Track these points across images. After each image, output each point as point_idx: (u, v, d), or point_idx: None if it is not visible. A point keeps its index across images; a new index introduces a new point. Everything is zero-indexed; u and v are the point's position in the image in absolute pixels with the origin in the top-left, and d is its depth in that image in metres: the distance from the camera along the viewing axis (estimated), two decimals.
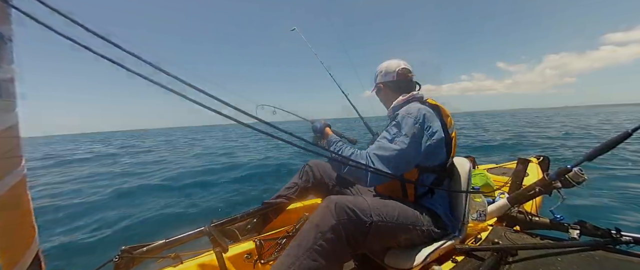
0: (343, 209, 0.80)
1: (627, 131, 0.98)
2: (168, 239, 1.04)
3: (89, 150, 14.04)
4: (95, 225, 2.87)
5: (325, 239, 0.76)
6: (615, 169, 3.89)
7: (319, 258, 0.74)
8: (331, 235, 0.77)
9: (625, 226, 1.09)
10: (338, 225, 0.78)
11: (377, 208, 0.89)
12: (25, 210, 0.47)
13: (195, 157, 8.46)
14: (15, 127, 0.44)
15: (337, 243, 0.77)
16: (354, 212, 0.82)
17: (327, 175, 1.33)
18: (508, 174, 2.17)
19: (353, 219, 0.81)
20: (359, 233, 0.82)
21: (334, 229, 0.77)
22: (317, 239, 0.76)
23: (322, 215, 0.80)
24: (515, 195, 1.38)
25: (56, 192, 4.48)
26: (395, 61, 1.20)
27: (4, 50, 0.42)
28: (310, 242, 0.76)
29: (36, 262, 0.48)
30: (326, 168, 1.34)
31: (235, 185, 4.37)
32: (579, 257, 0.97)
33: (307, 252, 0.75)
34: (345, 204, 0.81)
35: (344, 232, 0.78)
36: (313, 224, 0.79)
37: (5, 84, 0.42)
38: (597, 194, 2.87)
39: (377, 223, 0.85)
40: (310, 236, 0.77)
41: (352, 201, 0.84)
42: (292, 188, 1.34)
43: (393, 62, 1.19)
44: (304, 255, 0.74)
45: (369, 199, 0.91)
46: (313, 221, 0.80)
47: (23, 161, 0.46)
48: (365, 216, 0.83)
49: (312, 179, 1.33)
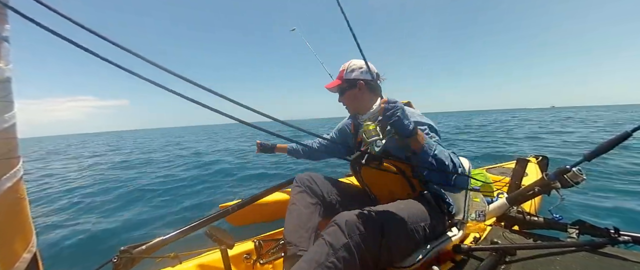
0: (354, 226, 0.80)
1: (627, 132, 0.98)
2: (168, 238, 1.04)
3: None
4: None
5: (337, 257, 0.76)
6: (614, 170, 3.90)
7: None
8: (343, 253, 0.77)
9: (623, 226, 1.10)
10: (350, 244, 0.78)
11: (386, 214, 0.88)
12: (22, 212, 0.46)
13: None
14: (13, 128, 0.44)
15: (349, 261, 0.77)
16: (367, 230, 0.81)
17: (326, 190, 1.19)
18: (507, 173, 2.17)
19: (364, 235, 0.80)
20: (371, 250, 0.81)
21: (346, 248, 0.77)
22: (329, 256, 0.76)
23: (333, 233, 0.80)
24: (514, 195, 1.38)
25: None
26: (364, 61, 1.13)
27: (1, 51, 0.41)
28: (322, 259, 0.76)
29: (34, 263, 0.48)
30: (319, 180, 1.21)
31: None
32: (577, 256, 0.97)
33: (319, 268, 0.75)
34: (355, 222, 0.81)
35: (356, 250, 0.78)
36: (326, 241, 0.79)
37: (2, 85, 0.42)
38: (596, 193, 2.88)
39: (390, 233, 0.84)
40: (323, 252, 0.77)
41: (362, 216, 0.83)
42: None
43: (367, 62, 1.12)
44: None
45: (375, 209, 0.89)
46: (325, 239, 0.80)
47: (20, 162, 0.46)
48: (376, 232, 0.82)
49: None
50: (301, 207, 1.11)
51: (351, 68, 1.10)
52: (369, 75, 1.03)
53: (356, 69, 1.09)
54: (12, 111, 0.44)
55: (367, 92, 1.09)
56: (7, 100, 0.43)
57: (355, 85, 1.09)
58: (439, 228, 1.02)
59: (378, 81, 1.12)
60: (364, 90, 1.09)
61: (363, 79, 1.08)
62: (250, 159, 6.65)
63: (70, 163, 8.56)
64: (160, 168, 6.19)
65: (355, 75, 1.09)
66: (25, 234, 0.47)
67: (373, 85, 1.09)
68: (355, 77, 1.08)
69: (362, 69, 1.08)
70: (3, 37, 0.41)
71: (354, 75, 1.09)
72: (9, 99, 0.43)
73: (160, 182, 4.58)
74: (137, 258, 0.92)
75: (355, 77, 1.09)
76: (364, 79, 1.08)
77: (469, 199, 1.20)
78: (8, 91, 0.43)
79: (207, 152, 9.11)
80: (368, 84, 1.08)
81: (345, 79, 1.11)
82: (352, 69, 1.10)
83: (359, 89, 1.09)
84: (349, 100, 1.14)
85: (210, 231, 0.94)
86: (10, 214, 0.45)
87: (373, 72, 1.08)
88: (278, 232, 1.36)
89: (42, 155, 12.59)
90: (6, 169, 0.43)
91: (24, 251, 0.46)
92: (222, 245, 0.92)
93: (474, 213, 1.23)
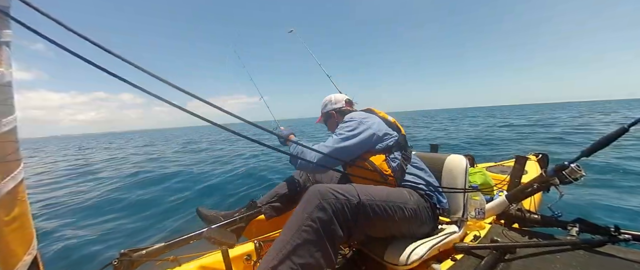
0: (328, 191, 0.81)
1: (624, 127, 0.98)
2: (167, 242, 1.04)
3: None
4: None
5: (312, 219, 0.76)
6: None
7: (308, 236, 0.74)
8: (318, 213, 0.77)
9: (624, 224, 1.10)
10: (324, 204, 0.78)
11: (363, 189, 0.89)
12: (23, 214, 0.47)
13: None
14: (14, 130, 0.45)
15: (325, 221, 0.77)
16: (340, 193, 0.82)
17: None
18: (507, 172, 2.17)
19: (340, 199, 0.81)
20: (348, 212, 0.81)
21: (321, 208, 0.77)
22: (304, 219, 0.76)
23: (307, 198, 0.81)
24: (513, 192, 1.38)
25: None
26: (338, 94, 1.47)
27: (2, 54, 0.42)
28: (298, 223, 0.76)
29: (35, 266, 0.48)
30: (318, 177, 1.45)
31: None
32: (578, 254, 0.97)
33: (296, 233, 0.75)
34: (330, 187, 0.82)
35: (331, 209, 0.78)
36: (300, 208, 0.80)
37: (3, 89, 0.43)
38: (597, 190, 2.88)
39: (365, 202, 0.85)
40: (298, 218, 0.78)
41: (337, 186, 0.85)
42: (274, 202, 1.40)
43: (338, 95, 1.47)
44: (293, 237, 0.74)
45: (356, 185, 0.92)
46: (300, 205, 0.81)
47: (21, 165, 0.46)
48: (351, 196, 0.83)
49: (299, 187, 1.44)
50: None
51: (325, 104, 1.46)
52: (339, 104, 1.41)
53: (328, 103, 1.44)
54: (12, 114, 0.44)
55: (339, 117, 1.37)
56: (8, 103, 0.43)
57: (330, 116, 1.43)
58: (422, 216, 1.02)
59: (353, 105, 1.46)
60: (336, 117, 1.40)
61: (333, 109, 1.41)
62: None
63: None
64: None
65: (327, 109, 1.43)
66: (25, 237, 0.47)
67: (342, 111, 1.39)
68: (328, 110, 1.43)
69: (332, 101, 1.43)
70: (4, 42, 0.42)
71: (327, 109, 1.43)
72: (9, 103, 0.44)
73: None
74: (136, 261, 0.93)
75: (328, 109, 1.43)
76: (334, 109, 1.41)
77: (468, 197, 1.20)
78: (9, 95, 0.43)
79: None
80: (339, 112, 1.40)
81: (323, 113, 1.47)
82: (325, 104, 1.45)
83: (333, 118, 1.42)
84: (330, 127, 1.47)
85: (208, 234, 0.94)
86: (11, 217, 0.45)
87: (341, 101, 1.42)
88: (278, 233, 1.36)
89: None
90: (7, 172, 0.44)
91: (25, 254, 0.47)
92: (223, 246, 0.92)
93: (473, 211, 1.23)
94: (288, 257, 0.72)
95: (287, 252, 0.72)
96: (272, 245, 0.78)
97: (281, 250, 0.73)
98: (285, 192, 1.43)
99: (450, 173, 1.22)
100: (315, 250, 0.74)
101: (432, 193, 1.09)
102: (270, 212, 1.39)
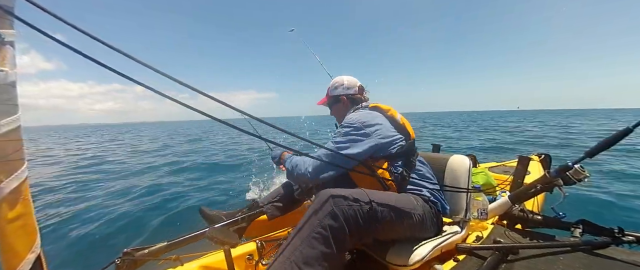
0: (341, 196, 0.80)
1: (628, 127, 0.97)
2: (170, 242, 1.05)
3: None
4: None
5: (323, 226, 0.75)
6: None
7: (318, 245, 0.74)
8: (330, 221, 0.76)
9: (629, 225, 1.08)
10: (336, 211, 0.77)
11: (374, 195, 0.88)
12: (27, 213, 0.47)
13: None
14: (18, 130, 0.45)
15: (336, 229, 0.76)
16: (353, 199, 0.81)
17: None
18: (510, 172, 2.16)
19: (353, 206, 0.80)
20: (360, 218, 0.81)
21: (333, 215, 0.76)
22: (315, 226, 0.76)
23: (319, 202, 0.80)
24: (516, 193, 1.37)
25: None
26: (352, 77, 1.27)
27: (7, 55, 0.42)
28: (309, 230, 0.76)
29: (38, 263, 0.49)
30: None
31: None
32: (581, 256, 0.96)
33: (306, 240, 0.74)
34: (342, 193, 0.81)
35: (343, 216, 0.77)
36: (311, 212, 0.79)
37: (7, 88, 0.43)
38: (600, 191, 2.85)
39: (376, 208, 0.84)
40: (309, 224, 0.77)
41: (348, 190, 0.84)
42: (276, 202, 1.38)
43: (352, 78, 1.27)
44: (302, 244, 0.74)
45: (366, 190, 0.90)
46: (311, 210, 0.80)
47: (25, 164, 0.47)
48: (364, 202, 0.82)
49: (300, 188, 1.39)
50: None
51: (335, 85, 1.27)
52: (351, 90, 1.22)
53: (339, 85, 1.25)
54: (17, 114, 0.44)
55: (349, 105, 1.24)
56: (12, 103, 0.44)
57: (340, 100, 1.25)
58: (427, 222, 1.01)
59: (364, 93, 1.26)
60: (347, 104, 1.24)
61: (345, 94, 1.24)
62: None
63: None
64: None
65: (337, 93, 1.25)
66: (29, 235, 0.48)
67: (355, 99, 1.23)
68: (338, 94, 1.25)
69: (344, 85, 1.24)
70: (8, 42, 0.42)
71: (337, 93, 1.25)
72: (14, 102, 0.44)
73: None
74: (139, 260, 0.93)
75: (338, 93, 1.25)
76: (345, 94, 1.24)
77: (471, 198, 1.20)
78: (13, 94, 0.44)
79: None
80: (350, 98, 1.24)
81: (330, 95, 1.28)
82: (335, 85, 1.27)
83: (342, 103, 1.25)
84: (335, 112, 1.31)
85: (211, 234, 0.94)
86: (15, 215, 0.45)
87: (355, 86, 1.23)
88: (280, 233, 1.37)
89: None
90: (11, 171, 0.44)
91: (28, 252, 0.47)
92: (225, 245, 0.92)
93: (476, 212, 1.22)
94: (297, 265, 0.72)
95: (296, 259, 0.73)
96: (281, 247, 0.78)
97: (290, 257, 0.73)
98: (287, 192, 1.42)
99: (453, 173, 1.21)
100: (323, 259, 0.74)
101: (436, 200, 1.07)
102: (272, 211, 1.38)
